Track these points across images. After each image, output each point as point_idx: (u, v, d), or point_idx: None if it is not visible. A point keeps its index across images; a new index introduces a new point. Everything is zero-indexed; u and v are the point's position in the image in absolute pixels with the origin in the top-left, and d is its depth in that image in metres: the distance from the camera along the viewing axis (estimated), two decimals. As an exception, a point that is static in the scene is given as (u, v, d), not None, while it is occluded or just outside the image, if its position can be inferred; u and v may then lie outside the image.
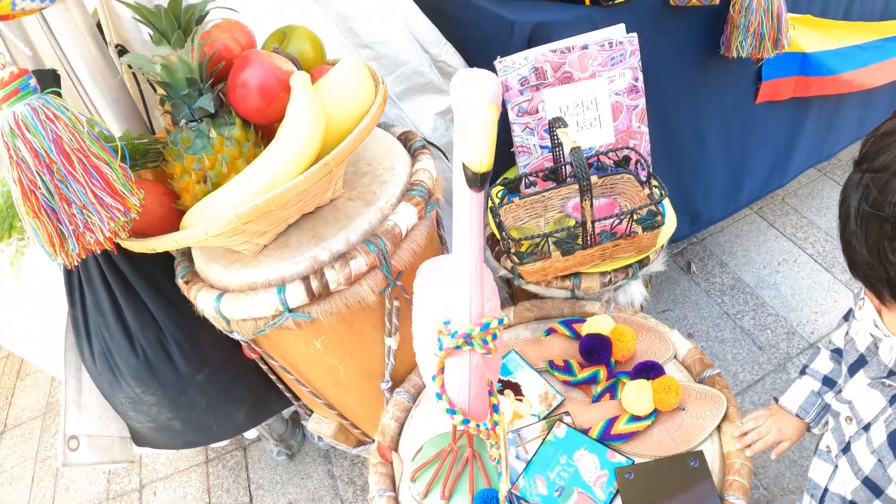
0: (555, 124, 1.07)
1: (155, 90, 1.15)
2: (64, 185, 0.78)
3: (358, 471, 1.79)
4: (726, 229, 2.26)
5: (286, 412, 1.75)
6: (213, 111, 0.92)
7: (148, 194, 0.94)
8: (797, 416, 0.98)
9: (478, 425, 0.81)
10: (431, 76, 1.45)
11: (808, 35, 1.72)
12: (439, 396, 0.78)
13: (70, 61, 1.09)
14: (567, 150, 1.01)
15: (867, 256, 0.64)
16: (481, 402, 0.80)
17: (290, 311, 0.97)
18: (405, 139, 1.19)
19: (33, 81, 0.77)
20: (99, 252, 0.83)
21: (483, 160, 0.65)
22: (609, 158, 1.21)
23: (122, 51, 1.15)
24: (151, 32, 0.92)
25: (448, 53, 1.46)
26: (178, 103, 0.92)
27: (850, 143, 2.26)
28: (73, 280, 1.22)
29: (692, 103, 1.54)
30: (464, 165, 0.65)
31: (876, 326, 0.75)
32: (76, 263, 0.83)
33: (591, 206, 1.00)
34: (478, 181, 0.66)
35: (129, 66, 1.05)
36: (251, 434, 1.80)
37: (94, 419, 1.35)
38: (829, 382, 0.97)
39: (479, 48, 1.46)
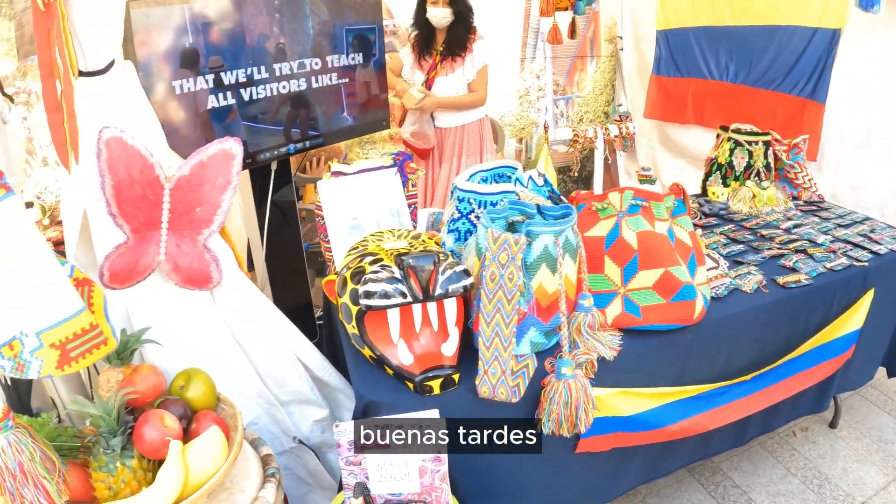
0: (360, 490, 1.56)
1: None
2: (23, 488, 1.31)
3: None
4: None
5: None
6: (118, 451, 1.43)
7: (75, 479, 1.46)
8: None
9: None
10: (311, 395, 1.96)
11: (628, 401, 2.00)
12: None
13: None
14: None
15: None
16: None
17: None
18: (265, 462, 1.67)
19: (11, 421, 1.30)
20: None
21: None
22: (416, 505, 1.67)
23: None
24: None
25: (330, 375, 1.97)
26: (101, 439, 1.44)
27: (689, 463, 2.50)
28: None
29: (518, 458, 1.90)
30: None
31: None
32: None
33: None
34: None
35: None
36: None
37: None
38: None
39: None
